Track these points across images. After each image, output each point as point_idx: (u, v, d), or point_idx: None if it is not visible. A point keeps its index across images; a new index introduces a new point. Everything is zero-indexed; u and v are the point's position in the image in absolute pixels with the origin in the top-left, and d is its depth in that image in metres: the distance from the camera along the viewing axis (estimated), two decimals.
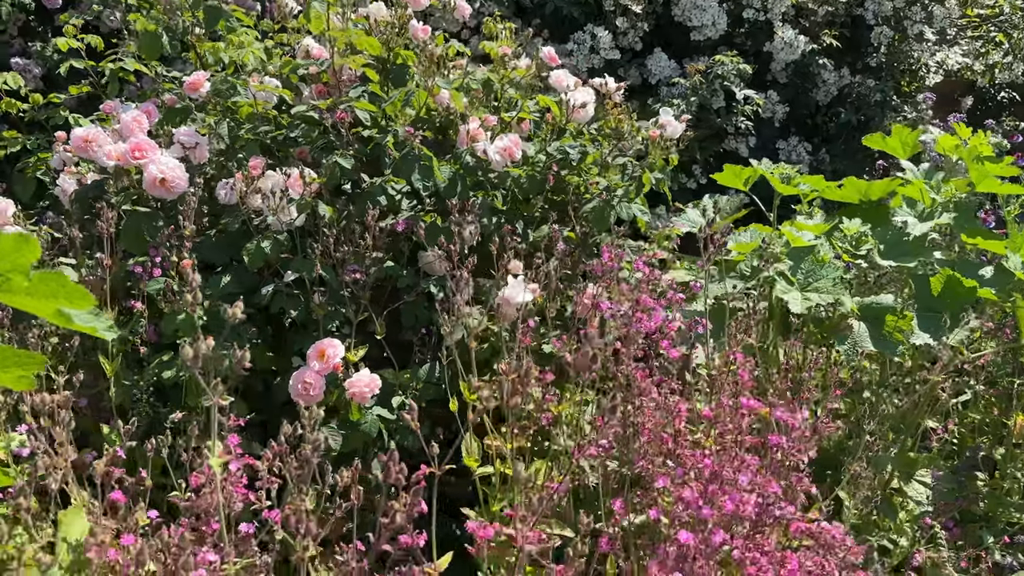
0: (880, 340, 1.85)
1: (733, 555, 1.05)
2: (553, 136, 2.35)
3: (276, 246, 1.89)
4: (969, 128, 2.30)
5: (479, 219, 2.17)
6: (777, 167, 2.24)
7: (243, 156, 1.99)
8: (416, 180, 1.91)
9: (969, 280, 1.88)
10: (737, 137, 4.40)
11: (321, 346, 1.81)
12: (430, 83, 2.05)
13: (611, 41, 4.05)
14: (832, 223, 2.09)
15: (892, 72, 4.90)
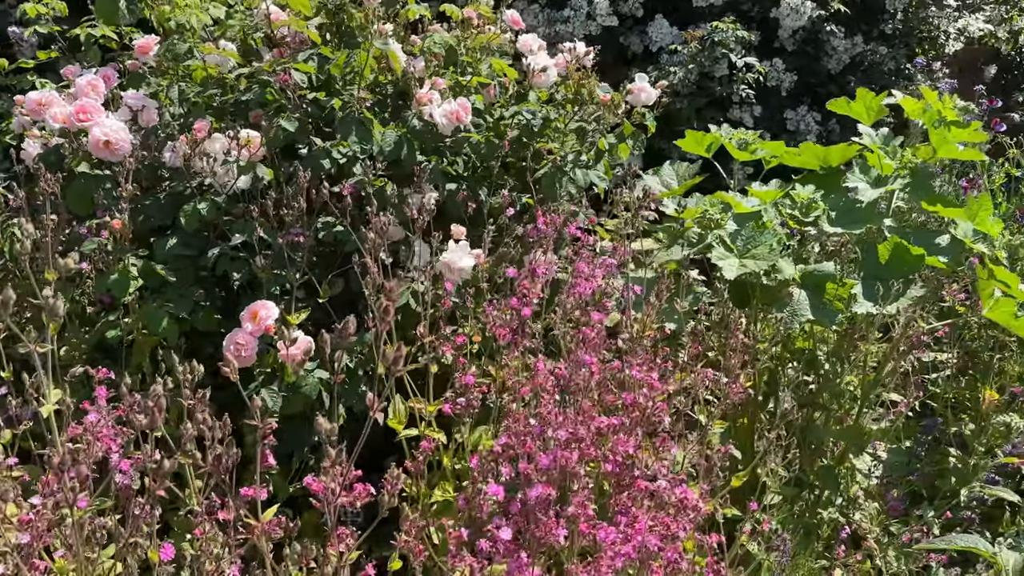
0: (819, 308, 1.81)
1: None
2: (512, 101, 2.33)
3: (213, 208, 1.91)
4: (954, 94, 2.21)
5: (432, 185, 2.17)
6: (736, 133, 2.19)
7: (191, 120, 2.01)
8: (353, 143, 1.91)
9: (917, 248, 1.82)
10: (742, 106, 4.30)
11: (254, 308, 1.83)
12: (378, 45, 2.04)
13: (608, 7, 3.98)
14: (786, 189, 2.04)
15: (908, 40, 4.73)
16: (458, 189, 2.27)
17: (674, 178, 2.25)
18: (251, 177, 1.94)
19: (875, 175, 1.97)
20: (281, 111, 2.12)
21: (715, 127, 2.23)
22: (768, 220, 1.88)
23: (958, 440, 2.34)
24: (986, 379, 2.36)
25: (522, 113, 2.26)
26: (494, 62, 2.25)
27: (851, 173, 1.95)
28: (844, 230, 1.90)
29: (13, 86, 2.60)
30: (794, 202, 1.96)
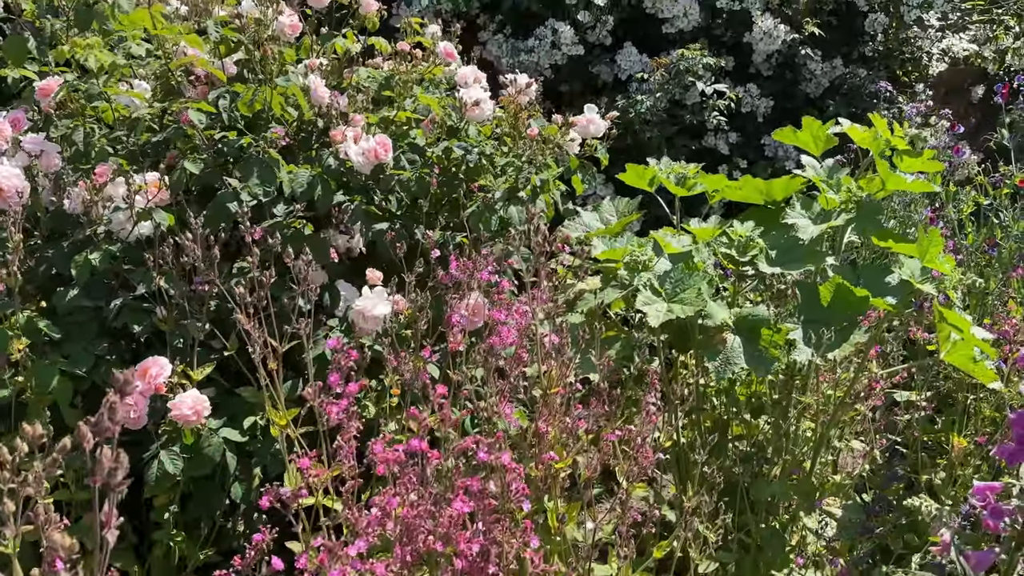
0: (754, 356, 1.67)
1: None
2: (444, 136, 2.21)
3: (106, 257, 1.79)
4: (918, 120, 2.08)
5: (354, 225, 2.06)
6: (674, 166, 2.06)
7: (90, 165, 1.90)
8: (255, 185, 1.79)
9: (861, 289, 1.68)
10: (716, 133, 4.18)
11: (145, 365, 1.70)
12: (290, 82, 1.93)
13: (573, 36, 3.88)
14: (724, 226, 1.90)
15: (888, 62, 4.61)
16: (389, 228, 2.15)
17: (614, 214, 2.12)
18: (153, 224, 1.82)
19: (817, 210, 1.83)
20: (195, 152, 2.01)
21: (655, 162, 2.10)
22: (699, 261, 1.74)
23: (929, 488, 2.18)
24: (959, 423, 2.20)
25: (452, 148, 2.15)
26: (420, 96, 2.13)
27: (791, 209, 1.82)
28: (783, 270, 1.76)
29: None
30: (731, 240, 1.82)
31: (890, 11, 4.58)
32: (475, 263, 1.76)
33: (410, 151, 2.26)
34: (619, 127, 3.95)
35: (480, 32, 4.09)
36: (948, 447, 2.26)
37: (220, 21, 2.03)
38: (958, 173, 2.57)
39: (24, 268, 2.02)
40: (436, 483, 1.09)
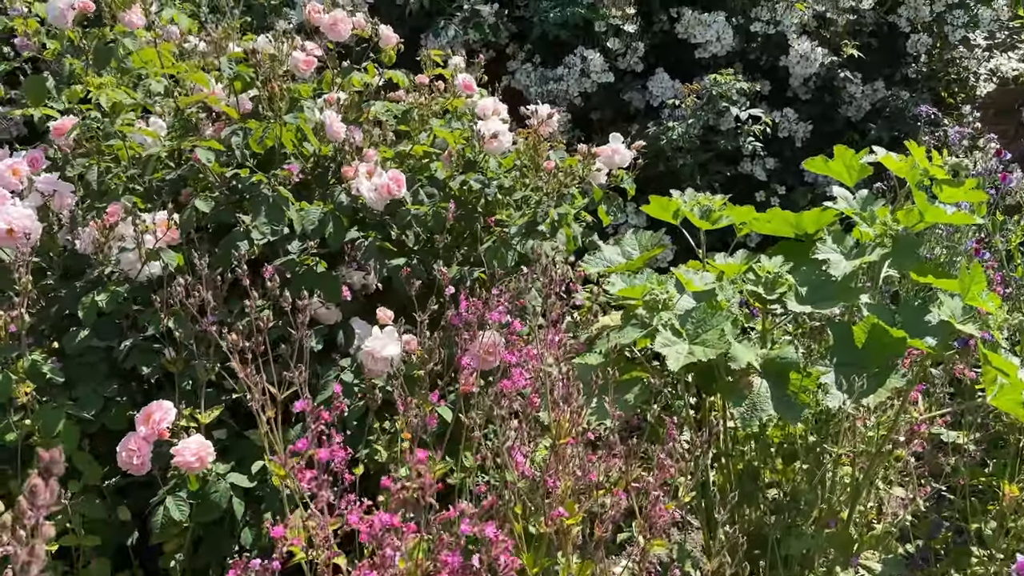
0: (783, 402, 1.56)
1: None
2: (459, 170, 2.15)
3: (112, 299, 1.76)
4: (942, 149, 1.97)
5: (366, 262, 2.01)
6: (699, 198, 1.98)
7: (104, 204, 1.89)
8: (262, 224, 1.75)
9: (897, 330, 1.57)
10: (753, 159, 4.07)
11: (149, 409, 1.66)
12: (299, 118, 1.89)
13: (603, 63, 3.82)
14: (752, 261, 1.80)
15: (933, 83, 4.46)
16: (406, 264, 2.10)
17: (636, 248, 2.03)
18: (161, 264, 1.79)
19: (851, 245, 1.72)
20: (208, 189, 1.99)
21: (679, 194, 2.01)
22: (723, 299, 1.64)
23: (979, 538, 2.03)
24: (1011, 468, 2.05)
25: (469, 182, 2.09)
26: (435, 130, 2.08)
27: (821, 243, 1.72)
28: (813, 309, 1.65)
29: None
30: (758, 277, 1.73)
31: (933, 31, 4.44)
32: (487, 302, 1.70)
33: (429, 184, 2.21)
34: (651, 154, 3.87)
35: (509, 61, 4.06)
36: (999, 493, 2.11)
37: (235, 58, 2.01)
38: (1008, 199, 2.43)
39: (37, 308, 2.01)
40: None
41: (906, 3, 4.35)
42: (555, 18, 3.76)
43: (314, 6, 2.54)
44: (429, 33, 3.88)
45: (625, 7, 3.79)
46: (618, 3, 3.81)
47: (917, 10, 4.33)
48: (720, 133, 3.88)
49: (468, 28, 3.73)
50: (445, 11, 3.81)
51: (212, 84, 1.87)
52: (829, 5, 4.07)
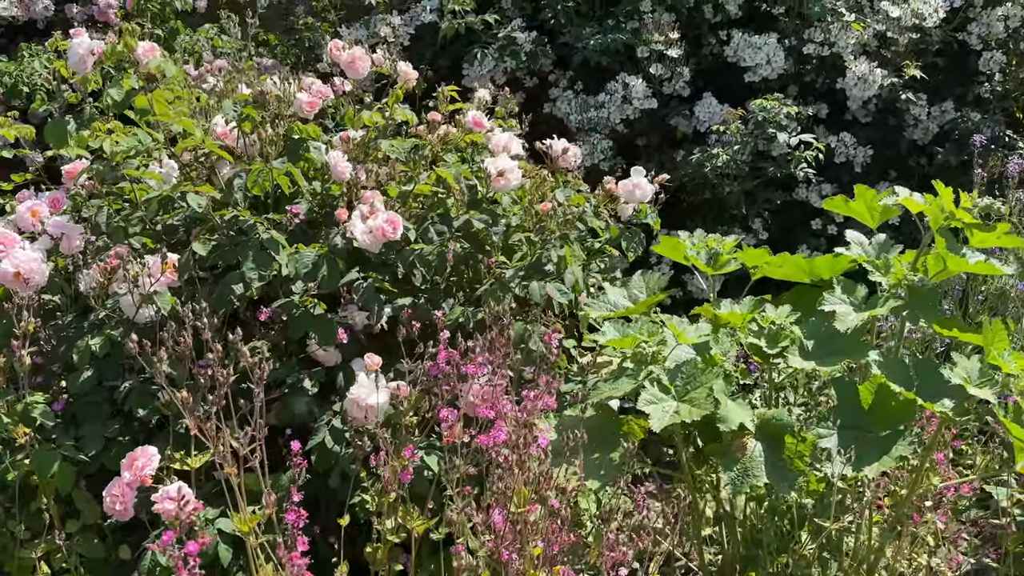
0: (777, 468, 1.45)
1: None
2: (463, 209, 2.11)
3: (107, 342, 1.78)
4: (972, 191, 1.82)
5: (365, 304, 1.98)
6: (709, 239, 1.87)
7: (110, 243, 1.92)
8: (249, 269, 1.74)
9: (909, 392, 1.44)
10: (808, 186, 3.89)
11: (133, 454, 1.67)
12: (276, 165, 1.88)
13: (645, 89, 3.71)
14: (756, 311, 1.69)
15: (1007, 103, 4.18)
16: (412, 304, 2.07)
17: (643, 291, 1.94)
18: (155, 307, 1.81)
19: (862, 295, 1.59)
20: (212, 232, 2.00)
21: (687, 235, 1.92)
22: (716, 353, 1.54)
23: None
24: None
25: (472, 222, 2.04)
26: (436, 170, 2.05)
27: (829, 293, 1.59)
28: (817, 365, 1.53)
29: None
30: (760, 328, 1.61)
31: (1009, 48, 4.16)
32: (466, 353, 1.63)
33: (440, 222, 2.17)
34: (696, 181, 3.74)
35: (551, 89, 4.01)
36: None
37: (242, 99, 2.02)
38: None
39: (50, 347, 2.06)
40: None
41: (977, 19, 4.10)
42: (595, 45, 3.69)
43: (336, 43, 2.55)
44: (473, 62, 3.86)
45: (668, 32, 3.69)
46: (661, 28, 3.71)
47: (990, 26, 4.07)
48: (770, 159, 3.72)
49: (504, 56, 3.70)
50: (481, 39, 3.79)
51: (198, 129, 1.87)
52: (890, 24, 3.86)
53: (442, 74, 4.15)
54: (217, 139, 2.13)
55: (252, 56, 4.02)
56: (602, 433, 1.64)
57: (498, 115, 2.87)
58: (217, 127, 2.17)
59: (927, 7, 3.83)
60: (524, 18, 4.00)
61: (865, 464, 1.41)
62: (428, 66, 4.12)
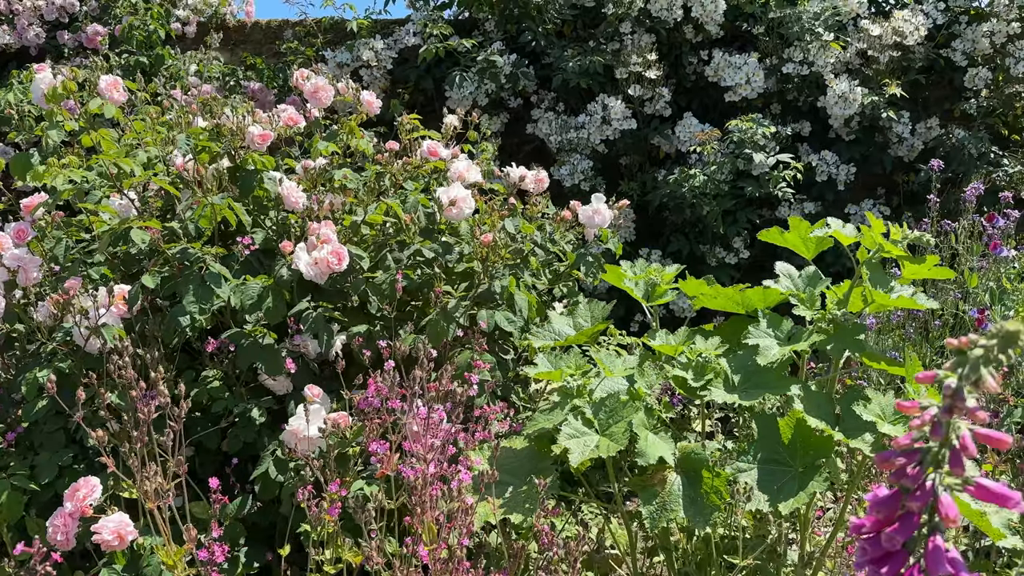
0: (695, 503, 1.45)
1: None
2: (416, 237, 2.14)
3: (56, 374, 1.82)
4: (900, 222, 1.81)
5: (313, 334, 2.01)
6: (649, 268, 1.89)
7: (66, 275, 1.97)
8: (190, 303, 1.78)
9: (828, 427, 1.44)
10: (790, 205, 3.89)
11: (76, 485, 1.70)
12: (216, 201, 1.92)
13: (624, 110, 3.74)
14: (687, 342, 1.70)
15: (992, 120, 4.15)
16: (368, 331, 2.10)
17: (588, 319, 1.96)
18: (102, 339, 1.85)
19: (787, 328, 1.60)
20: (166, 264, 2.04)
21: (627, 265, 1.93)
22: (640, 387, 1.55)
23: None
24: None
25: (423, 251, 2.07)
26: (384, 201, 2.08)
27: (754, 326, 1.60)
28: (741, 399, 1.54)
29: None
30: (689, 360, 1.62)
31: (996, 63, 4.14)
32: (402, 382, 1.66)
33: (399, 250, 2.20)
34: (676, 201, 3.75)
35: (533, 110, 4.04)
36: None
37: (195, 133, 2.06)
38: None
39: (7, 378, 2.11)
40: None
41: (962, 36, 4.08)
42: (574, 67, 3.72)
43: (301, 72, 2.59)
44: (453, 85, 3.91)
45: (647, 54, 3.71)
46: (640, 50, 3.73)
47: (975, 42, 4.06)
48: (750, 178, 3.72)
49: (485, 79, 3.73)
50: (460, 62, 3.83)
51: (136, 166, 1.92)
52: (871, 43, 3.86)
53: (428, 95, 4.21)
54: (175, 171, 2.18)
55: (240, 80, 4.08)
56: (535, 464, 1.66)
57: (471, 138, 2.90)
58: (176, 159, 2.21)
59: (908, 25, 3.82)
60: (506, 40, 4.04)
61: (782, 499, 1.41)
62: (414, 88, 4.18)
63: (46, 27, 3.99)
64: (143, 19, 3.70)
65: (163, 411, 1.51)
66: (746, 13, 3.99)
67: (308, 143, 2.70)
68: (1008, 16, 4.02)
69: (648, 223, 4.07)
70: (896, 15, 3.89)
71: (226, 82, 4.04)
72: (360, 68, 4.05)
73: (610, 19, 3.79)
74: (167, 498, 1.48)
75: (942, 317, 2.20)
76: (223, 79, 4.05)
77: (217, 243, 2.12)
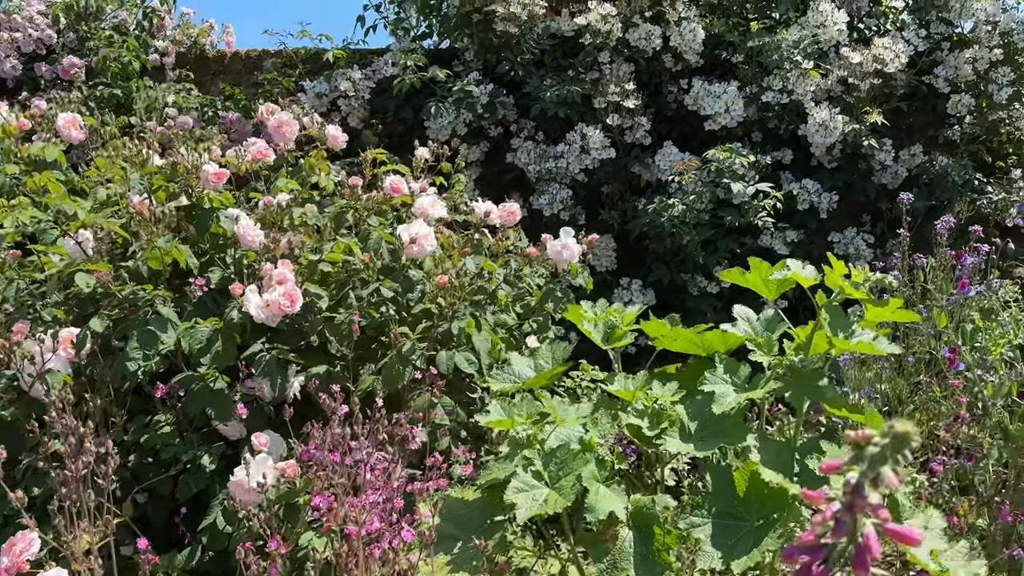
0: (647, 560, 1.39)
1: None
2: (375, 275, 2.09)
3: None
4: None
5: (265, 377, 1.96)
6: (610, 310, 1.84)
7: (17, 316, 1.92)
8: (133, 349, 1.73)
9: (784, 479, 1.39)
10: (773, 233, 3.85)
11: (13, 539, 1.64)
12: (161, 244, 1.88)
13: (603, 140, 3.70)
14: (644, 388, 1.65)
15: (976, 146, 4.12)
16: (327, 372, 2.05)
17: (550, 360, 1.90)
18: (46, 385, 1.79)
19: (745, 374, 1.55)
20: (118, 307, 2.00)
21: (587, 305, 1.88)
22: (592, 437, 1.50)
23: None
24: None
25: (380, 290, 2.02)
26: (341, 243, 2.03)
27: (711, 372, 1.55)
28: (696, 449, 1.48)
29: None
30: (645, 407, 1.57)
31: (980, 90, 4.12)
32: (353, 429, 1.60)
33: (362, 287, 2.16)
34: (656, 230, 3.70)
35: (513, 139, 4.01)
36: None
37: (149, 172, 2.03)
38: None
39: None
40: None
41: (944, 63, 4.06)
42: (552, 96, 3.69)
43: (267, 107, 2.56)
44: (431, 117, 3.88)
45: (624, 83, 3.69)
46: (618, 79, 3.71)
47: (958, 69, 4.03)
48: (731, 207, 3.68)
49: (461, 109, 3.71)
50: (436, 93, 3.80)
51: (80, 208, 1.88)
52: (852, 70, 3.84)
53: (408, 124, 4.18)
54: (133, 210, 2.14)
55: (219, 111, 4.06)
56: (487, 516, 1.60)
57: (444, 170, 2.86)
58: (134, 198, 2.17)
59: (888, 53, 3.80)
60: (484, 71, 4.01)
61: (736, 556, 1.35)
62: (393, 117, 4.15)
63: (23, 59, 3.97)
64: (118, 51, 3.68)
65: (105, 461, 1.46)
66: (726, 41, 3.97)
67: (274, 178, 2.67)
68: (990, 43, 4.00)
69: (629, 252, 4.02)
70: (876, 42, 3.87)
71: (204, 113, 4.01)
72: (338, 98, 4.03)
73: (588, 49, 3.77)
74: (98, 557, 1.42)
75: (916, 354, 2.15)
76: (201, 110, 4.03)
77: (175, 283, 2.08)
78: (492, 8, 3.76)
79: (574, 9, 3.88)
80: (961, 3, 4.05)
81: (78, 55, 3.94)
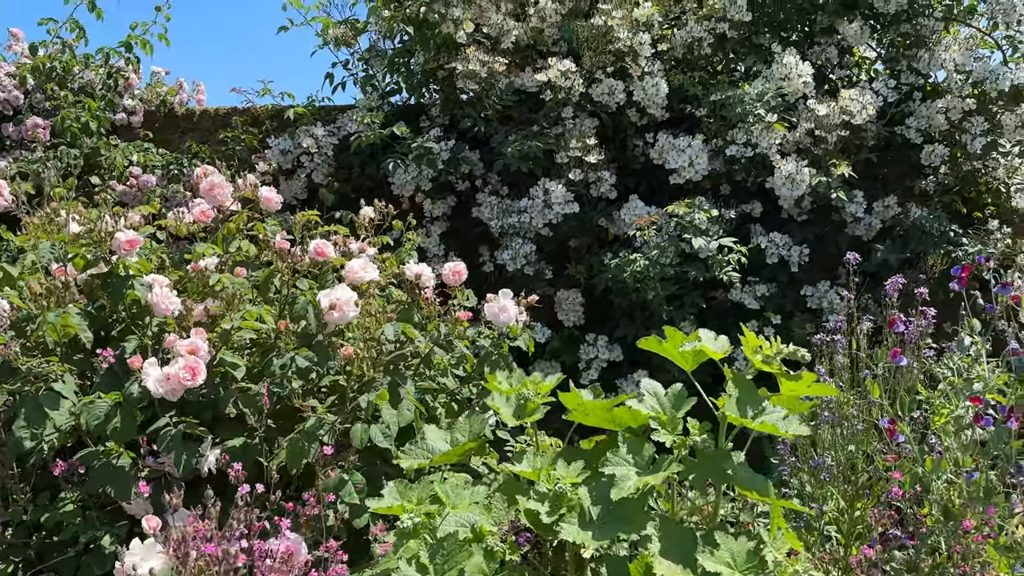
0: None
1: None
2: (292, 344, 2.02)
3: None
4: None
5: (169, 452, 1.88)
6: (526, 381, 1.75)
7: None
8: (20, 428, 1.65)
9: (687, 573, 1.28)
10: (743, 287, 3.76)
11: None
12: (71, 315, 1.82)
13: (566, 194, 3.65)
14: (551, 465, 1.56)
15: (950, 197, 4.04)
16: (244, 445, 1.97)
17: (466, 433, 1.81)
18: None
19: (649, 454, 1.46)
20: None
21: (503, 376, 1.80)
22: (484, 525, 1.40)
23: None
24: None
25: (297, 359, 1.95)
26: (251, 309, 1.96)
27: (613, 453, 1.46)
28: (595, 538, 1.38)
29: None
30: (547, 491, 1.47)
31: (953, 140, 4.06)
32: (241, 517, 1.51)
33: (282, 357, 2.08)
34: (619, 285, 3.62)
35: (478, 194, 3.97)
36: None
37: (61, 240, 1.98)
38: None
39: None
40: None
41: (916, 114, 4.01)
42: (514, 151, 3.65)
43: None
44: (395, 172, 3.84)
45: (586, 139, 3.65)
46: (581, 135, 3.68)
47: (930, 119, 3.98)
48: (697, 262, 3.61)
49: (422, 165, 3.67)
50: (394, 149, 3.78)
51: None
52: (818, 122, 3.79)
53: (376, 180, 4.14)
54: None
55: (184, 169, 4.05)
56: None
57: (395, 227, 2.81)
58: (53, 265, 2.12)
59: (855, 104, 3.75)
60: (449, 126, 3.99)
61: None
62: (360, 173, 4.12)
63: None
64: (78, 112, 3.68)
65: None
66: (689, 95, 3.94)
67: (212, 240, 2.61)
68: (962, 92, 3.95)
69: (597, 307, 3.94)
70: (843, 94, 3.83)
71: (169, 171, 4.00)
72: (302, 155, 4.01)
73: (550, 104, 3.74)
74: None
75: (865, 421, 2.04)
76: (167, 168, 4.02)
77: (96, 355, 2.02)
78: (453, 65, 3.74)
79: (538, 65, 3.86)
80: (929, 54, 4.01)
81: (44, 116, 3.95)
